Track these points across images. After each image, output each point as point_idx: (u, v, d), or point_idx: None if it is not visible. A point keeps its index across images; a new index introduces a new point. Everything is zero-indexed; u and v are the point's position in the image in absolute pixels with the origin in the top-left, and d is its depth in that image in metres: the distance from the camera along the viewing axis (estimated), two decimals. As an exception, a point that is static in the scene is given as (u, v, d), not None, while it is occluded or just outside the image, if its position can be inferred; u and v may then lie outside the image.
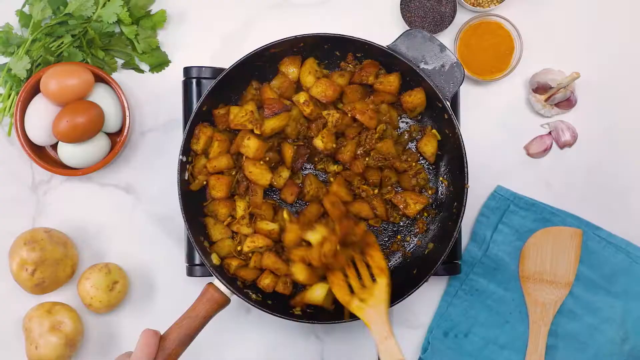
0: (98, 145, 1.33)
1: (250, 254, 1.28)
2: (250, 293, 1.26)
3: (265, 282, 1.27)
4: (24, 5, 1.37)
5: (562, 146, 1.38)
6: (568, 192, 1.39)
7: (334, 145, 1.27)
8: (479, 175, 1.36)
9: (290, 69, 1.29)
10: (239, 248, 1.28)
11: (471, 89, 1.39)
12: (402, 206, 1.30)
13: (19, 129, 1.32)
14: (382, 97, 1.29)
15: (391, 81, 1.28)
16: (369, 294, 1.18)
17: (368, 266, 1.20)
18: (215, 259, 1.26)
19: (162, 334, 1.17)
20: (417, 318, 1.39)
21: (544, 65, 1.38)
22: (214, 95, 1.26)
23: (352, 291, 1.19)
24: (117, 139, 1.35)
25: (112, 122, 1.34)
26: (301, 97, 1.27)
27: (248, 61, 1.24)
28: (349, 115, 1.27)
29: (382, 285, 1.18)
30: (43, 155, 1.36)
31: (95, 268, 1.33)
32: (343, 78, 1.29)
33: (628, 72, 1.40)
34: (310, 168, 1.32)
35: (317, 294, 1.24)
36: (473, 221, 1.39)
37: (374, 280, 1.19)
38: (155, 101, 1.39)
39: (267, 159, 1.26)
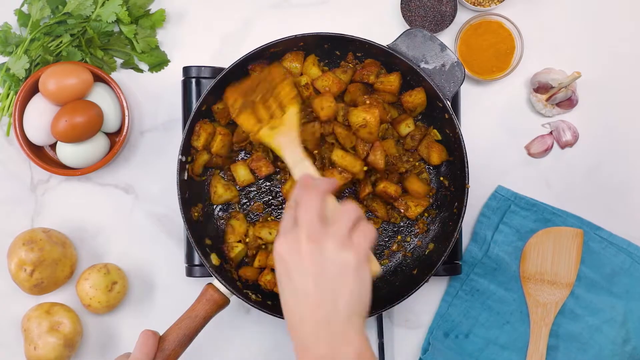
0: (97, 145, 1.33)
1: (254, 252, 1.28)
2: (250, 293, 1.26)
3: (267, 278, 1.27)
4: (22, 5, 1.37)
5: (563, 146, 1.38)
6: (569, 192, 1.39)
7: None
8: (479, 175, 1.36)
9: (293, 64, 1.28)
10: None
11: (472, 88, 1.39)
12: (403, 209, 1.29)
13: (17, 129, 1.32)
14: (382, 97, 1.28)
15: (391, 81, 1.28)
16: (278, 122, 1.14)
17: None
18: (214, 259, 1.26)
19: (161, 334, 1.16)
20: (417, 318, 1.39)
21: (545, 65, 1.37)
22: (213, 95, 1.25)
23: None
24: (116, 139, 1.35)
25: (111, 121, 1.34)
26: (302, 80, 1.27)
27: (248, 61, 1.24)
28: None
29: (292, 113, 1.15)
30: (42, 155, 1.35)
31: (94, 268, 1.32)
32: (346, 75, 1.28)
33: (630, 72, 1.39)
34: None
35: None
36: (474, 221, 1.39)
37: None
38: (155, 101, 1.39)
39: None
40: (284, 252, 0.94)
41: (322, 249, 0.92)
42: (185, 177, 1.26)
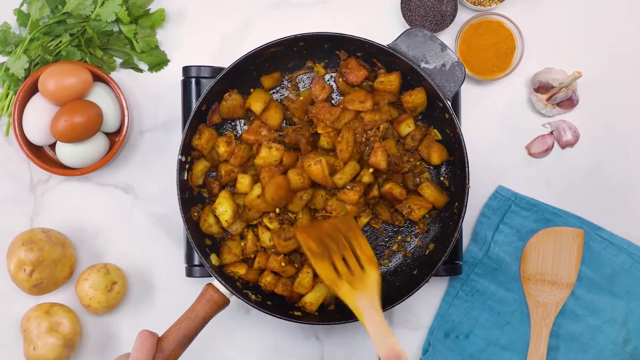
0: (96, 145, 1.33)
1: (253, 255, 1.28)
2: (250, 294, 1.25)
3: (267, 279, 1.27)
4: (22, 4, 1.36)
5: (563, 146, 1.38)
6: (570, 192, 1.38)
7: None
8: (480, 175, 1.36)
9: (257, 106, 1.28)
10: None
11: (472, 88, 1.38)
12: (405, 212, 1.29)
13: (17, 129, 1.31)
14: (382, 97, 1.28)
15: (391, 80, 1.27)
16: (359, 281, 1.11)
17: (356, 257, 1.15)
18: (214, 260, 1.26)
19: (160, 335, 1.16)
20: (417, 319, 1.38)
21: (545, 65, 1.37)
22: (213, 95, 1.25)
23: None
24: (116, 139, 1.35)
25: (110, 121, 1.33)
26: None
27: (247, 60, 1.24)
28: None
29: (372, 276, 1.12)
30: (41, 155, 1.35)
31: (94, 269, 1.32)
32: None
33: (630, 72, 1.39)
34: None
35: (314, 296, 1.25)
36: (474, 221, 1.39)
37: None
38: (154, 101, 1.39)
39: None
40: None
41: None
42: (185, 177, 1.26)
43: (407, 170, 1.30)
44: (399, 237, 1.33)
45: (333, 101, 1.32)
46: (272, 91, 1.32)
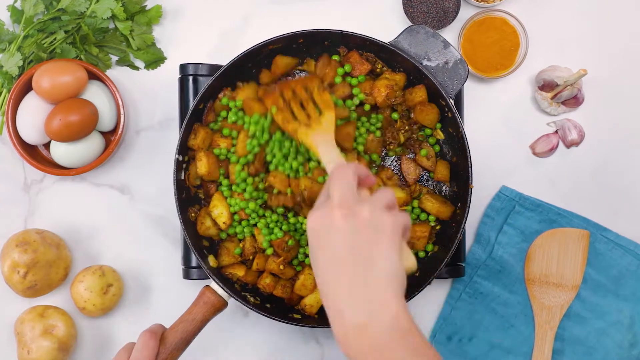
0: (92, 144, 1.31)
1: (251, 257, 1.27)
2: (248, 296, 1.24)
3: (266, 281, 1.26)
4: (15, 1, 1.35)
5: (568, 145, 1.37)
6: (575, 193, 1.37)
7: None
8: (483, 175, 1.35)
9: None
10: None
11: (475, 86, 1.37)
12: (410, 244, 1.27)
13: (10, 128, 1.30)
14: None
15: (397, 80, 1.26)
16: (316, 123, 1.17)
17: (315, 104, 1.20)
18: (212, 261, 1.24)
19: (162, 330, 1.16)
20: (419, 322, 1.36)
21: (550, 62, 1.36)
22: (211, 93, 1.24)
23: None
24: (112, 138, 1.34)
25: (106, 120, 1.32)
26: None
27: (246, 58, 1.23)
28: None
29: (329, 117, 1.17)
30: (35, 154, 1.34)
31: (89, 270, 1.31)
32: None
33: (637, 69, 1.38)
34: None
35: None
36: (477, 222, 1.37)
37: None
38: (151, 99, 1.38)
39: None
40: (316, 224, 0.93)
41: (355, 213, 0.91)
42: (183, 177, 1.25)
43: (407, 139, 1.28)
44: (401, 238, 1.31)
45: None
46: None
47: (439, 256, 1.24)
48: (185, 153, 1.25)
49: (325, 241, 0.92)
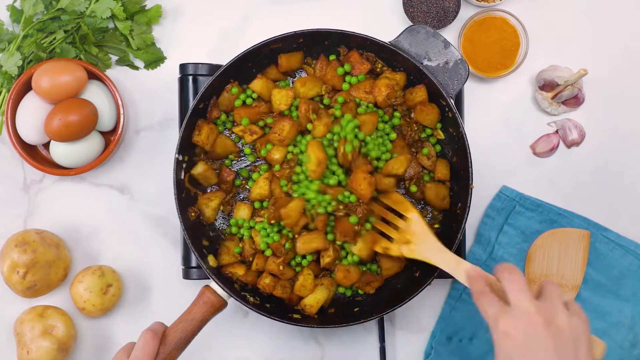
0: (91, 144, 1.31)
1: (251, 258, 1.27)
2: (248, 296, 1.24)
3: (265, 281, 1.25)
4: (15, 0, 1.35)
5: (569, 145, 1.36)
6: (575, 193, 1.37)
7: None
8: (483, 175, 1.35)
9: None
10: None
11: (476, 86, 1.37)
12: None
13: (10, 128, 1.30)
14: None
15: (397, 79, 1.26)
16: (409, 234, 1.17)
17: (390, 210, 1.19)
18: (212, 261, 1.24)
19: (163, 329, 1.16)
20: (419, 322, 1.37)
21: (550, 62, 1.35)
22: (210, 92, 1.24)
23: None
24: (111, 138, 1.34)
25: (106, 120, 1.32)
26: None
27: (246, 57, 1.22)
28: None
29: (415, 219, 1.17)
30: (35, 154, 1.34)
31: (89, 271, 1.31)
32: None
33: (637, 69, 1.38)
34: None
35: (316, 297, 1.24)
36: (477, 222, 1.37)
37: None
38: (151, 99, 1.37)
39: None
40: (515, 330, 0.96)
41: (553, 319, 0.95)
42: (182, 177, 1.24)
43: (418, 138, 1.27)
44: (401, 239, 1.31)
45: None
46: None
47: (440, 256, 1.24)
48: (185, 152, 1.24)
49: (527, 346, 0.95)
